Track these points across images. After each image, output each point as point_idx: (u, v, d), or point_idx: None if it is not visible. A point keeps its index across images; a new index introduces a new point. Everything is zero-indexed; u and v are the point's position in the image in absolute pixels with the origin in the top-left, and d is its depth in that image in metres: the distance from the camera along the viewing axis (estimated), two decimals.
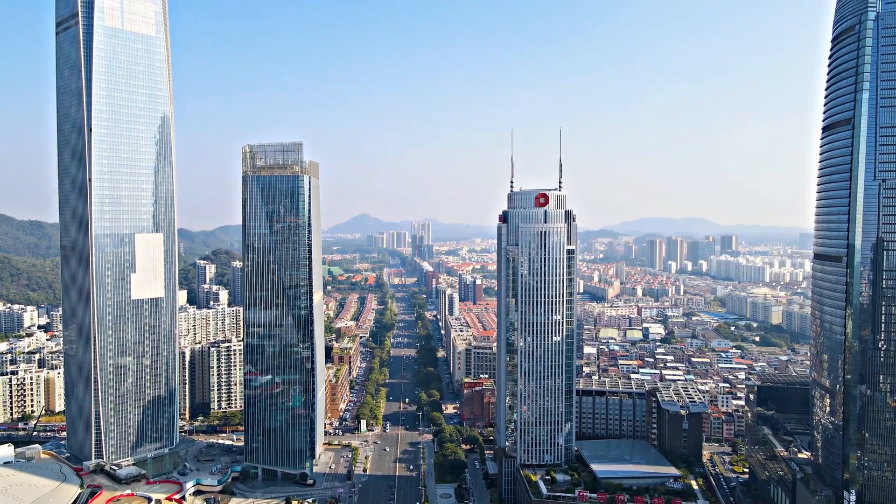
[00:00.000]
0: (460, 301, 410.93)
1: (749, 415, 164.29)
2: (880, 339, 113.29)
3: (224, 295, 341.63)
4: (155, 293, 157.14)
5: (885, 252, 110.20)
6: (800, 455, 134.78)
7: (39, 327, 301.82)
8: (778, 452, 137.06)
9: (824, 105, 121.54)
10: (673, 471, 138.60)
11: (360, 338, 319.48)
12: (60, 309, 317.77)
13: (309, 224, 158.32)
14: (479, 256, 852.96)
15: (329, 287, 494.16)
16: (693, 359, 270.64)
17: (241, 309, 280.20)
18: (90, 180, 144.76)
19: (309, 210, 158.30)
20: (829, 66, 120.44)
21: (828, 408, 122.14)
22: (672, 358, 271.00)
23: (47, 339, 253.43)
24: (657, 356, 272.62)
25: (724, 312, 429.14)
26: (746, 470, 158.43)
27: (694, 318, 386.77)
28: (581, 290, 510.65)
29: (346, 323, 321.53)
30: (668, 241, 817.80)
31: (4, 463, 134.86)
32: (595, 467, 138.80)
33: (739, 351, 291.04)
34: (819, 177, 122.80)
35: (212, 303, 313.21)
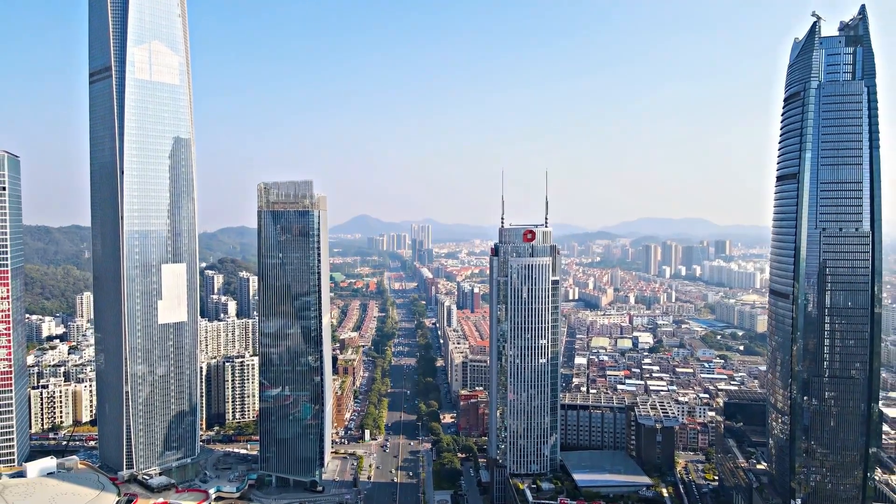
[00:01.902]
0: (458, 309, 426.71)
1: (720, 428, 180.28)
2: (824, 367, 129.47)
3: (232, 306, 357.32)
4: (179, 318, 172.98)
5: (824, 291, 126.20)
6: (758, 466, 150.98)
7: (58, 337, 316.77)
8: (739, 463, 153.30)
9: (777, 158, 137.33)
10: (646, 480, 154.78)
11: (363, 347, 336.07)
12: (76, 319, 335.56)
13: (318, 254, 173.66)
14: (477, 259, 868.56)
15: (332, 294, 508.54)
16: (678, 369, 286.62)
17: (250, 322, 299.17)
18: (122, 217, 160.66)
19: (318, 241, 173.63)
20: (781, 124, 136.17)
21: (780, 423, 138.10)
22: (657, 368, 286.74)
23: (69, 353, 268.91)
24: (643, 367, 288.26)
25: (712, 320, 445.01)
26: (717, 478, 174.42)
27: (683, 327, 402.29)
28: (576, 298, 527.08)
29: (349, 334, 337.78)
30: (664, 245, 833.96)
31: (49, 473, 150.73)
32: (577, 476, 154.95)
33: (722, 361, 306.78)
34: (773, 222, 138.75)
35: (221, 315, 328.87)
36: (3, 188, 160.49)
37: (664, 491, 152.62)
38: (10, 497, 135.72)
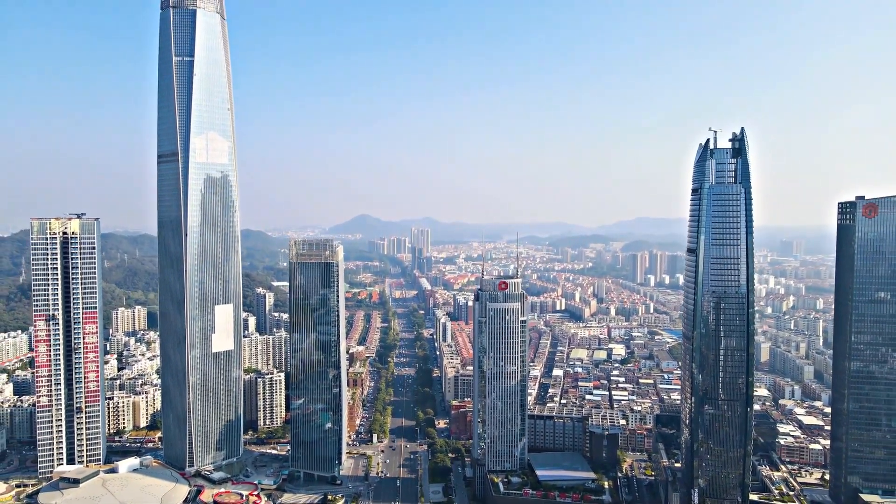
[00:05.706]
0: (454, 320, 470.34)
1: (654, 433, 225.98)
2: (719, 385, 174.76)
3: (252, 322, 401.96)
4: (227, 347, 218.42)
5: (718, 336, 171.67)
6: (676, 464, 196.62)
7: None
8: (663, 462, 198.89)
9: (688, 235, 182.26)
10: (592, 475, 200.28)
11: (369, 358, 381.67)
12: (114, 333, 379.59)
13: (337, 296, 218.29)
14: (474, 266, 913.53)
15: None
16: (641, 380, 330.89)
17: (271, 338, 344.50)
18: (186, 271, 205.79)
19: (337, 285, 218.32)
20: (689, 209, 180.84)
21: (686, 428, 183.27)
22: (623, 379, 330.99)
23: (119, 368, 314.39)
24: (611, 378, 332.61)
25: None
26: (653, 474, 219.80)
27: (656, 338, 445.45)
28: (563, 308, 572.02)
29: (356, 347, 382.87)
30: (651, 254, 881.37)
31: (133, 470, 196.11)
32: (539, 472, 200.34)
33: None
34: (683, 286, 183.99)
35: (244, 331, 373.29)
36: (94, 247, 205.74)
37: (605, 484, 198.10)
38: (111, 487, 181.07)
